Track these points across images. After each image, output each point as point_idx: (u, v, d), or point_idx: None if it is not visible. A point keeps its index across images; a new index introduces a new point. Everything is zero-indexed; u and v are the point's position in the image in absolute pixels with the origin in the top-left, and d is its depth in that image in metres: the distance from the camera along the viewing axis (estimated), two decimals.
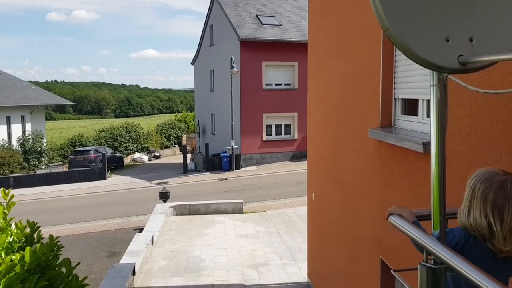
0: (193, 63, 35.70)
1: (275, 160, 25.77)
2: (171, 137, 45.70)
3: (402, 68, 4.31)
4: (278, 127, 26.21)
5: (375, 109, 4.63)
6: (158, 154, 39.55)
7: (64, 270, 2.72)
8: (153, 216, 12.76)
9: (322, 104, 6.87)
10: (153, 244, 10.54)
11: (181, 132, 46.13)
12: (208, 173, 24.79)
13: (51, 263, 2.67)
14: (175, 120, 49.48)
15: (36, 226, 2.82)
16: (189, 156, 31.88)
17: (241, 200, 14.76)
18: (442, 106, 1.36)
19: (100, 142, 37.75)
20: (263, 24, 26.00)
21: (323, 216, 7.02)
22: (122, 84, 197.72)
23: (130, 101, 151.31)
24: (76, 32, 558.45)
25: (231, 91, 24.68)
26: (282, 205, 15.50)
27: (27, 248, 2.50)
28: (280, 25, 26.27)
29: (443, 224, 1.41)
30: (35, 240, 2.81)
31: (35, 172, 28.69)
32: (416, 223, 1.68)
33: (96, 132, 40.81)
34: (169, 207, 13.79)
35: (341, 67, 5.82)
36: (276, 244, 10.70)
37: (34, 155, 31.03)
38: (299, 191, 17.15)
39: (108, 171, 28.01)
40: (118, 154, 34.18)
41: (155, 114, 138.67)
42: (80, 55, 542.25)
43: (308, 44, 7.64)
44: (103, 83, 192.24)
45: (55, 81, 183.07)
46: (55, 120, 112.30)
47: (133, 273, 8.24)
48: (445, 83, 1.37)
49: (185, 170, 26.46)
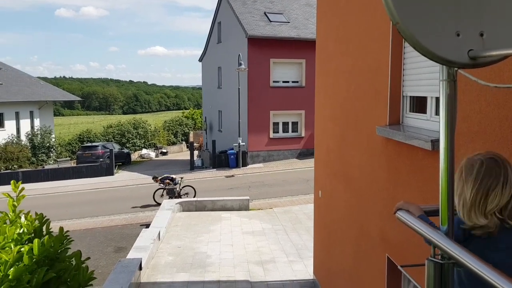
0: (201, 60, 35.74)
1: (282, 158, 25.76)
2: (178, 134, 45.85)
3: (411, 66, 4.29)
4: (285, 125, 26.19)
5: (383, 107, 4.61)
6: (165, 151, 39.70)
7: (74, 263, 2.74)
8: (160, 212, 12.82)
9: (330, 102, 6.85)
10: (160, 240, 10.59)
11: (188, 129, 46.26)
12: (215, 170, 24.84)
13: (60, 256, 2.69)
14: (183, 117, 49.63)
15: (45, 219, 2.84)
16: (196, 153, 31.97)
17: (248, 197, 14.78)
18: (452, 101, 1.36)
19: (108, 138, 37.95)
20: (271, 22, 25.96)
21: (330, 214, 7.01)
22: (130, 81, 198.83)
23: (138, 98, 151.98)
24: (85, 29, 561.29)
25: (239, 88, 24.69)
26: (289, 203, 15.49)
27: (35, 240, 2.53)
28: (288, 23, 26.22)
29: (451, 220, 1.41)
30: (44, 233, 2.83)
31: (44, 167, 28.91)
32: (423, 217, 1.68)
33: (104, 128, 41.04)
34: (176, 203, 13.84)
35: (349, 65, 5.80)
36: (282, 242, 10.71)
37: (43, 151, 31.25)
38: (306, 189, 17.14)
39: (116, 167, 28.16)
40: (126, 150, 34.35)
41: (163, 111, 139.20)
42: (89, 52, 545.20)
43: (316, 42, 7.63)
44: (111, 80, 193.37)
45: (64, 77, 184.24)
46: (63, 116, 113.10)
47: (140, 268, 8.28)
48: (455, 78, 1.36)
49: (192, 167, 26.53)
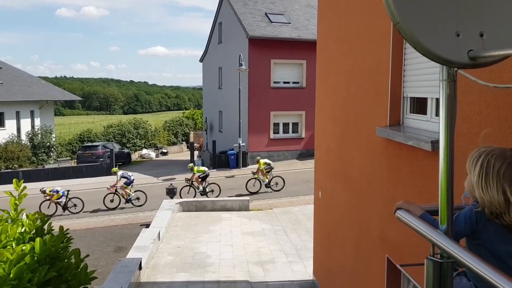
0: (202, 61, 35.75)
1: (282, 159, 25.76)
2: (179, 134, 45.85)
3: (411, 67, 4.30)
4: (286, 125, 26.19)
5: (384, 108, 4.62)
6: (166, 151, 39.71)
7: (73, 261, 2.75)
8: (160, 212, 12.82)
9: (330, 103, 6.86)
10: (160, 240, 10.59)
11: (189, 129, 46.27)
12: (215, 170, 24.82)
13: (61, 255, 2.70)
14: (183, 117, 49.64)
15: (46, 218, 2.85)
16: (196, 153, 31.98)
17: (248, 198, 14.80)
18: (452, 101, 1.36)
19: (108, 138, 37.96)
20: (272, 22, 25.97)
21: (330, 214, 7.02)
22: (131, 81, 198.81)
23: (138, 98, 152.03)
24: (85, 28, 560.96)
25: (239, 89, 24.70)
26: (289, 203, 15.50)
27: (37, 239, 2.54)
28: (289, 23, 26.23)
29: (451, 219, 1.42)
30: (46, 232, 2.84)
31: (44, 167, 28.92)
32: (425, 216, 1.68)
33: (104, 128, 41.06)
34: (176, 203, 13.85)
35: (350, 66, 5.81)
36: (282, 242, 10.71)
37: (43, 150, 31.27)
38: (306, 190, 17.14)
39: (116, 167, 28.13)
40: (126, 150, 34.37)
41: (163, 111, 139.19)
42: (89, 51, 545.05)
43: (317, 42, 7.64)
44: (112, 80, 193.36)
45: (64, 77, 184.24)
46: (64, 116, 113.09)
47: (140, 268, 8.29)
48: (455, 78, 1.37)
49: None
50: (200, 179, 17.57)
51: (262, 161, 18.17)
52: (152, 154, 37.48)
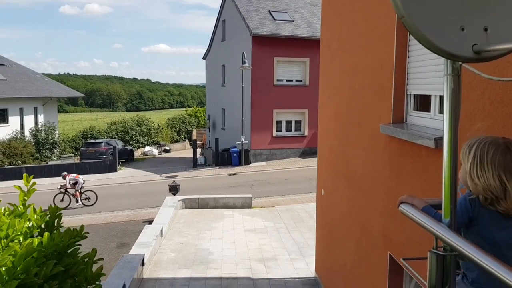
0: (205, 58, 35.77)
1: (285, 156, 25.77)
2: (182, 132, 45.88)
3: (415, 64, 4.29)
4: (289, 123, 26.18)
5: (387, 105, 4.62)
6: (168, 148, 39.75)
7: (86, 259, 2.77)
8: (163, 209, 12.85)
9: (334, 100, 6.86)
10: (162, 236, 10.62)
11: (191, 127, 46.31)
12: (218, 168, 24.87)
13: (70, 252, 2.72)
14: (186, 115, 49.66)
15: (58, 213, 2.85)
16: (199, 151, 32.01)
17: (250, 195, 14.80)
18: (456, 95, 1.37)
19: (111, 135, 38.00)
20: (276, 20, 25.94)
21: (332, 212, 7.02)
22: (134, 78, 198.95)
23: (142, 95, 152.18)
24: (89, 26, 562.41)
25: (242, 87, 24.70)
26: (291, 201, 15.51)
27: (46, 234, 2.55)
28: (293, 21, 26.19)
29: (454, 212, 1.42)
30: (56, 227, 2.85)
31: (47, 163, 28.99)
32: (427, 209, 1.70)
33: (108, 125, 41.09)
34: (179, 200, 13.87)
35: (354, 63, 5.81)
36: (284, 239, 10.73)
37: (46, 147, 31.35)
38: (308, 188, 17.15)
39: (119, 164, 28.24)
40: (129, 147, 34.42)
41: (166, 109, 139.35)
42: (93, 49, 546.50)
43: (321, 40, 7.63)
44: (115, 77, 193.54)
45: (68, 74, 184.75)
46: (67, 113, 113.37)
47: (142, 264, 8.32)
48: (459, 72, 1.38)
49: (195, 164, 26.57)
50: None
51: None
52: (155, 152, 37.53)
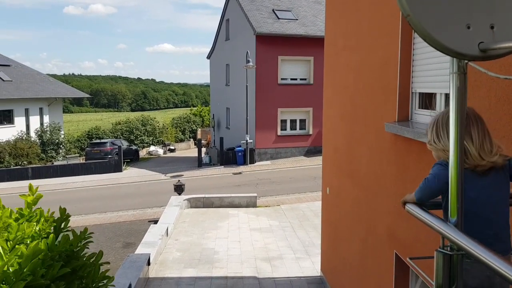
0: (209, 57, 35.77)
1: (290, 155, 25.75)
2: (186, 131, 45.90)
3: (420, 62, 4.28)
4: (293, 122, 26.15)
5: (392, 103, 4.60)
6: (173, 148, 39.80)
7: (92, 260, 2.78)
8: (168, 208, 12.88)
9: (338, 99, 6.85)
10: (168, 236, 10.65)
11: (196, 126, 46.30)
12: (223, 167, 24.89)
13: (77, 254, 2.73)
14: (190, 114, 49.64)
15: (66, 214, 2.86)
16: (204, 150, 32.03)
17: (255, 194, 14.80)
18: (462, 94, 1.36)
19: (116, 135, 38.08)
20: (280, 19, 25.91)
21: (338, 210, 7.01)
22: (138, 78, 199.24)
23: (146, 95, 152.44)
24: (93, 26, 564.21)
25: (247, 86, 24.69)
26: (296, 200, 15.51)
27: (51, 235, 2.57)
28: (297, 20, 26.15)
29: (461, 211, 1.41)
30: (64, 230, 2.87)
31: (53, 164, 29.10)
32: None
33: (113, 125, 41.15)
34: (184, 200, 13.90)
35: (358, 62, 5.79)
36: (290, 238, 10.73)
37: (52, 147, 31.48)
38: (313, 186, 17.13)
39: (124, 164, 28.30)
40: (134, 147, 34.47)
41: (171, 108, 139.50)
42: (97, 49, 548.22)
43: (325, 39, 7.62)
44: (120, 77, 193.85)
45: (73, 74, 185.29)
46: (72, 113, 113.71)
47: (148, 264, 8.35)
48: (465, 71, 1.37)
49: (200, 164, 26.60)
50: None
51: None
52: (160, 151, 37.59)
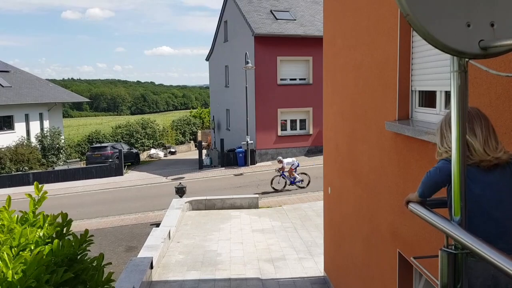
0: (208, 59, 35.79)
1: (290, 155, 25.65)
2: (186, 133, 45.92)
3: (419, 60, 4.28)
4: (293, 122, 26.16)
5: (392, 102, 4.60)
6: (174, 150, 39.82)
7: (95, 264, 2.78)
8: (170, 211, 12.87)
9: (338, 98, 6.84)
10: (170, 239, 10.64)
11: (196, 128, 46.32)
12: (224, 169, 24.89)
13: (80, 257, 2.73)
14: (190, 116, 49.65)
15: (68, 220, 2.86)
16: (205, 152, 32.02)
17: (257, 195, 14.80)
18: (463, 92, 1.36)
19: (117, 139, 38.12)
20: (278, 19, 25.92)
21: (340, 210, 7.01)
22: (138, 81, 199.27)
23: (146, 98, 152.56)
24: (91, 30, 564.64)
25: (246, 87, 24.69)
26: (298, 200, 15.50)
27: (55, 241, 2.57)
28: (295, 20, 26.16)
29: (464, 210, 1.41)
30: (66, 234, 2.86)
31: (54, 169, 29.11)
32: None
33: (113, 129, 41.19)
34: (185, 202, 13.89)
35: (357, 60, 5.79)
36: (292, 239, 10.72)
37: (52, 152, 31.49)
38: (315, 186, 17.12)
39: (125, 167, 28.30)
40: (134, 150, 34.50)
41: (170, 111, 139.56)
42: (96, 53, 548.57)
43: (324, 38, 7.61)
44: (119, 80, 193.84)
45: (72, 79, 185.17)
46: (72, 118, 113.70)
47: (151, 267, 8.34)
48: (466, 69, 1.37)
49: (201, 166, 26.60)
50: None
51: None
52: (161, 154, 37.61)
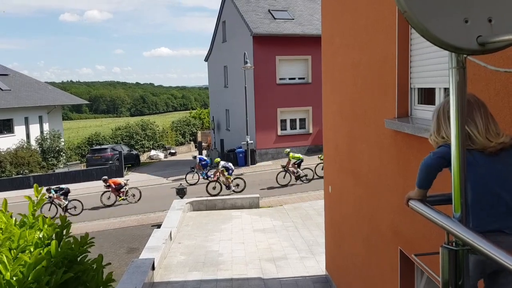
0: (207, 60, 35.78)
1: None
2: (186, 134, 45.92)
3: (418, 58, 4.28)
4: (293, 122, 26.17)
5: (391, 100, 4.60)
6: (174, 151, 39.81)
7: (95, 266, 2.78)
8: (171, 212, 12.87)
9: (337, 97, 6.84)
10: (171, 240, 10.64)
11: (196, 129, 46.33)
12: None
13: (80, 259, 2.73)
14: (190, 117, 49.65)
15: (67, 222, 2.87)
16: (205, 152, 32.03)
17: (258, 195, 14.80)
18: (461, 88, 1.36)
19: (117, 140, 38.11)
20: (276, 19, 25.92)
21: (340, 209, 7.01)
22: (137, 83, 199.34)
23: (145, 100, 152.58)
24: (90, 32, 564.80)
25: (245, 87, 24.69)
26: (299, 199, 15.50)
27: (53, 242, 2.57)
28: (293, 19, 26.16)
29: (464, 206, 1.41)
30: (65, 236, 2.87)
31: (54, 171, 29.12)
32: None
33: (112, 131, 41.18)
34: (186, 203, 13.90)
35: (356, 59, 5.79)
36: (294, 238, 10.72)
37: (53, 155, 31.50)
38: (315, 185, 17.13)
39: (125, 169, 28.31)
40: (135, 152, 34.51)
41: (170, 112, 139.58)
42: (94, 55, 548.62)
43: (322, 37, 7.61)
44: (118, 82, 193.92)
45: (71, 81, 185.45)
46: (72, 120, 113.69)
47: (153, 268, 8.34)
48: (464, 65, 1.36)
49: None
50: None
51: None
52: (161, 155, 37.61)
